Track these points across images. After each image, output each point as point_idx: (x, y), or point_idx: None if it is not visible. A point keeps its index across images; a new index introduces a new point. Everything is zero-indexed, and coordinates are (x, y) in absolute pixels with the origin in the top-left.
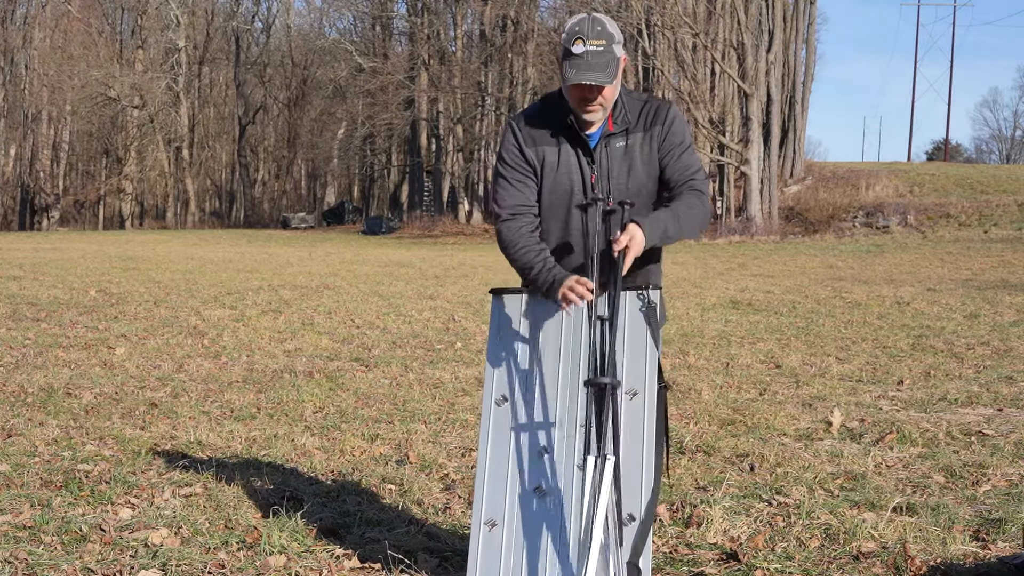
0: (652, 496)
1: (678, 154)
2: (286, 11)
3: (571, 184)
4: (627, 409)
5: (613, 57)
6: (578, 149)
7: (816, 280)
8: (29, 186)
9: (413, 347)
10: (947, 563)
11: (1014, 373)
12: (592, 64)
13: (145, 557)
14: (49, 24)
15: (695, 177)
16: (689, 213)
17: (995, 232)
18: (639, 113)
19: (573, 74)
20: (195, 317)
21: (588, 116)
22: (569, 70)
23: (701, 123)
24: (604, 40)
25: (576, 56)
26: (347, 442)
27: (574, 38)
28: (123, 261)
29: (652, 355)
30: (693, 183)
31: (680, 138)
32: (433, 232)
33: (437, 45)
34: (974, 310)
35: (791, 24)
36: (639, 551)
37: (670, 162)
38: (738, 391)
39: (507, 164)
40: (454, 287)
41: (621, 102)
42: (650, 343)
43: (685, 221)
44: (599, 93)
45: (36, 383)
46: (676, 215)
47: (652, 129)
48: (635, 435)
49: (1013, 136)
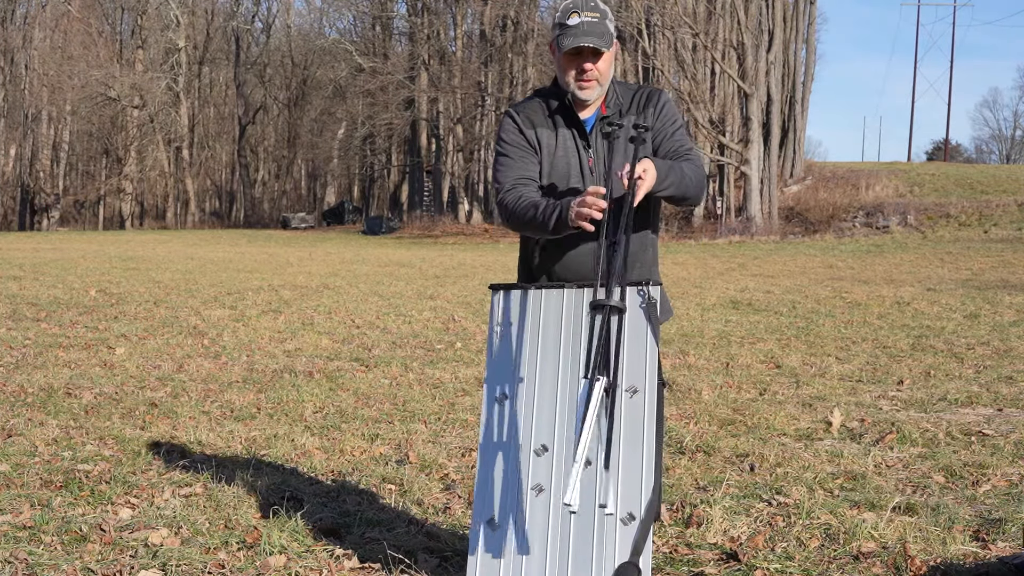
0: (652, 495)
1: (671, 132)
2: (286, 11)
3: (568, 168)
4: (627, 407)
5: (608, 29)
6: (574, 131)
7: (816, 280)
8: (29, 186)
9: (413, 347)
10: (947, 563)
11: (1014, 373)
12: (588, 31)
13: (145, 557)
14: (49, 24)
15: (689, 152)
16: (692, 171)
17: (995, 232)
18: (631, 98)
19: (570, 40)
20: (195, 317)
21: (583, 93)
22: (565, 39)
23: (701, 123)
24: (598, 14)
25: (571, 27)
26: (347, 442)
27: (569, 12)
28: (123, 261)
29: (652, 352)
30: (689, 156)
31: (672, 119)
32: (433, 232)
33: (437, 45)
34: (974, 310)
35: (791, 24)
36: (639, 550)
37: (663, 140)
38: (738, 391)
39: (507, 143)
40: (454, 287)
41: (613, 88)
42: (651, 340)
43: (688, 178)
44: (596, 61)
45: (36, 383)
46: (680, 169)
47: (645, 111)
48: (635, 433)
49: (1013, 136)
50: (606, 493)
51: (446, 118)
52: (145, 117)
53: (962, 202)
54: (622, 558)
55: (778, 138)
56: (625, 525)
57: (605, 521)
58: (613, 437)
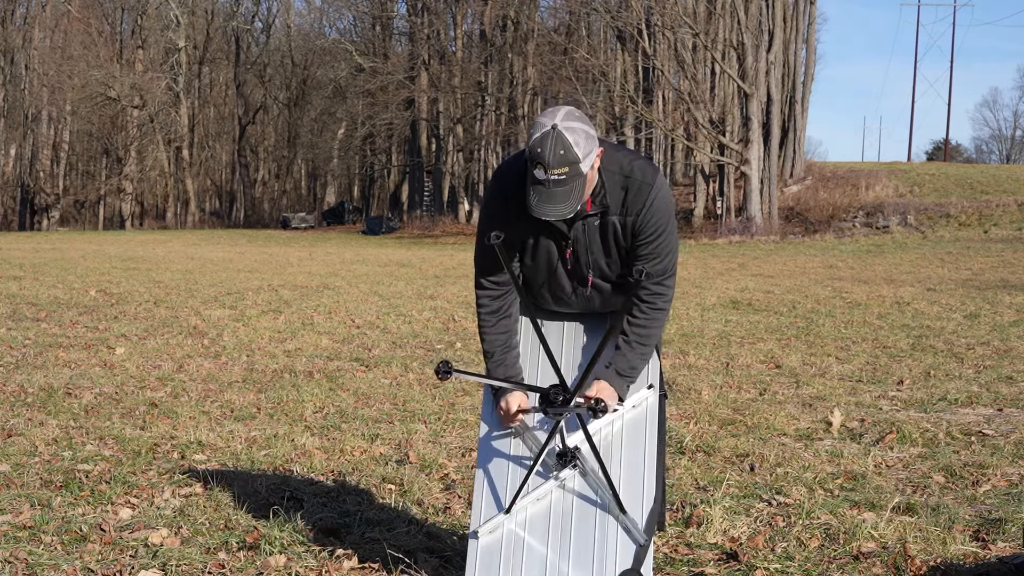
0: (654, 504)
1: (651, 239)
2: (286, 11)
3: (549, 255)
4: (629, 417)
5: (579, 179)
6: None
7: (816, 280)
8: (29, 186)
9: (413, 347)
10: (947, 563)
11: (1014, 373)
12: (553, 195)
13: (145, 557)
14: (49, 24)
15: (662, 275)
16: (649, 334)
17: (995, 232)
18: (618, 195)
19: (534, 203)
20: (195, 317)
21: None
22: (532, 195)
23: (701, 123)
24: (567, 167)
25: (538, 182)
26: (347, 442)
27: (535, 162)
28: (123, 261)
29: (654, 364)
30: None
31: (657, 225)
32: (433, 232)
33: (437, 45)
34: (974, 310)
35: (791, 24)
36: (641, 559)
37: (639, 246)
38: (738, 391)
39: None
40: (454, 287)
41: (600, 181)
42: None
43: (647, 350)
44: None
45: (36, 383)
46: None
47: (628, 218)
48: (636, 443)
49: (1013, 136)
50: (608, 500)
51: (446, 118)
52: (145, 117)
53: (962, 202)
54: (624, 562)
55: (778, 138)
56: (628, 533)
57: (607, 523)
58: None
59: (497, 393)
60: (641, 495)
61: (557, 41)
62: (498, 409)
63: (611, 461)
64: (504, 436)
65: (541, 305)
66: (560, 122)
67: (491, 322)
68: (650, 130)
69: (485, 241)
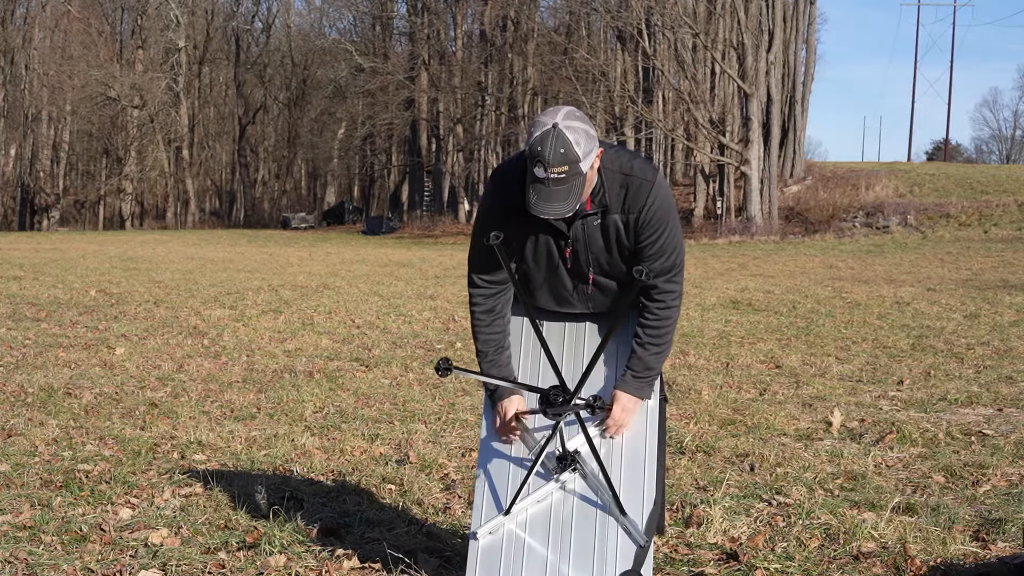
0: (654, 507)
1: (655, 239)
2: (286, 11)
3: (548, 254)
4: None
5: (578, 178)
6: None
7: (816, 280)
8: (29, 186)
9: (413, 347)
10: (947, 563)
11: (1014, 373)
12: (552, 193)
13: (145, 557)
14: (49, 24)
15: (669, 273)
16: (661, 335)
17: (995, 232)
18: (618, 194)
19: (534, 200)
20: (195, 317)
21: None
22: (531, 193)
23: (701, 123)
24: (567, 166)
25: (538, 180)
26: (347, 442)
27: (535, 160)
28: (123, 261)
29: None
30: (662, 291)
31: (659, 223)
32: (433, 232)
33: (437, 45)
34: (974, 310)
35: (791, 24)
36: (641, 560)
37: (644, 248)
38: (738, 391)
39: (486, 214)
40: (454, 287)
41: (600, 181)
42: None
43: (662, 353)
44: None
45: (36, 383)
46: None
47: (630, 216)
48: (636, 447)
49: (1013, 136)
50: (609, 501)
51: (446, 118)
52: (145, 117)
53: (962, 202)
54: (624, 563)
55: (778, 138)
56: (628, 535)
57: (608, 525)
58: (615, 445)
59: (494, 396)
60: (641, 496)
61: (557, 41)
62: (496, 412)
63: (611, 463)
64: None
65: (541, 305)
66: (561, 121)
67: (485, 321)
68: (650, 130)
69: (484, 241)
